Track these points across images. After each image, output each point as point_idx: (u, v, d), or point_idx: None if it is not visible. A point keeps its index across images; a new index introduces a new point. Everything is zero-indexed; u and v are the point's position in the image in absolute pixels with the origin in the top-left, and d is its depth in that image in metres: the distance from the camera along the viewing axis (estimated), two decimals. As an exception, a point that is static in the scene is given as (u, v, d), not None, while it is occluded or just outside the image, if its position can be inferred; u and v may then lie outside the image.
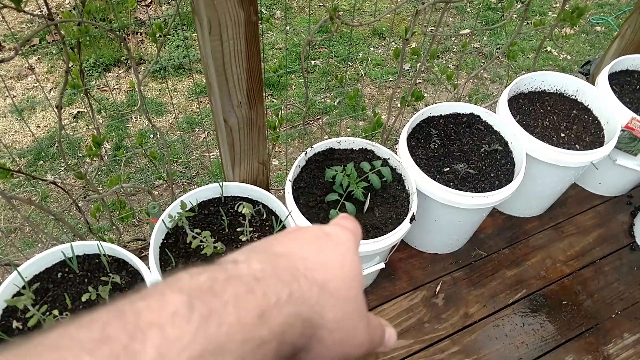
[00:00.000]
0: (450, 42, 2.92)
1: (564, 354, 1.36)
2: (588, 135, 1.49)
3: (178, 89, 2.52)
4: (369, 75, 2.70)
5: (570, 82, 1.58)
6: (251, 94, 1.07)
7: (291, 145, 2.34)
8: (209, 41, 0.95)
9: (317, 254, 0.28)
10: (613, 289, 1.49)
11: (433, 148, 1.39)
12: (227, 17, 0.92)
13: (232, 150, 1.17)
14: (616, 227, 1.64)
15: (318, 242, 0.30)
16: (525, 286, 1.48)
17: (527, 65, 2.81)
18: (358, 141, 1.39)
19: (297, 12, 3.03)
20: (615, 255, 1.57)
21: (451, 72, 1.57)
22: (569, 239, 1.60)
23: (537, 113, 1.54)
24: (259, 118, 1.14)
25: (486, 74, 2.77)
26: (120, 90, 2.51)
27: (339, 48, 2.80)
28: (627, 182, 1.67)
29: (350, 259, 0.30)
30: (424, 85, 2.66)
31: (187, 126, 2.35)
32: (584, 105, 1.57)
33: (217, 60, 0.98)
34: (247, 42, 0.98)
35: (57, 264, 1.06)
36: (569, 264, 1.54)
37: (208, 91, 1.09)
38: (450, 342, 1.36)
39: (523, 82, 1.55)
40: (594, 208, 1.69)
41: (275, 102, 2.51)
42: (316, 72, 2.68)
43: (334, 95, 2.61)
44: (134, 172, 2.17)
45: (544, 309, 1.44)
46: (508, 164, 1.37)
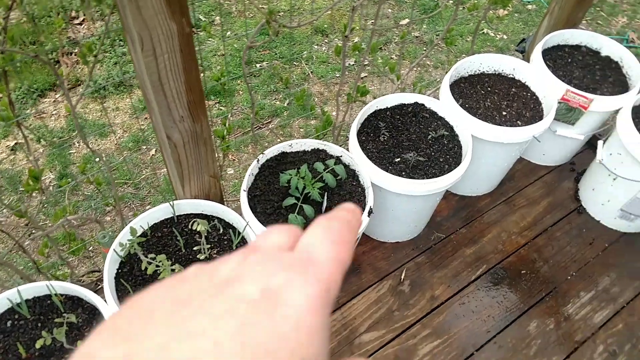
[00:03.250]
0: (391, 34, 2.96)
1: (529, 321, 1.41)
2: (528, 110, 1.55)
3: (120, 107, 2.45)
4: (316, 73, 2.71)
5: (506, 62, 1.63)
6: (193, 106, 1.05)
7: (245, 152, 2.33)
8: (142, 57, 0.92)
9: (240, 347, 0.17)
10: (566, 253, 1.56)
11: (383, 140, 1.41)
12: (159, 31, 0.89)
13: (180, 166, 1.15)
14: (563, 194, 1.72)
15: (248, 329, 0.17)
16: (485, 262, 1.53)
17: (466, 48, 2.89)
18: (309, 142, 1.39)
19: (237, 16, 3.00)
20: (564, 221, 1.64)
21: (393, 63, 1.60)
22: (521, 211, 1.66)
23: (479, 95, 1.58)
24: (204, 130, 1.13)
25: (428, 61, 2.84)
26: (59, 115, 2.42)
27: (283, 49, 2.80)
28: (568, 151, 1.75)
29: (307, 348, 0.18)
30: (370, 79, 2.69)
31: (133, 145, 2.30)
32: (521, 83, 1.63)
33: (152, 76, 0.96)
34: (182, 54, 0.96)
35: (4, 312, 1.00)
36: (524, 234, 1.60)
37: (147, 108, 1.07)
38: (421, 326, 1.39)
39: (462, 66, 1.59)
40: (541, 179, 1.76)
41: (223, 110, 2.48)
42: (262, 75, 2.66)
43: (282, 97, 2.60)
44: (82, 200, 2.10)
45: (505, 280, 1.49)
46: (455, 147, 1.41)
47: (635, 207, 1.51)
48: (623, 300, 1.46)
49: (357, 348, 1.35)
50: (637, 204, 1.50)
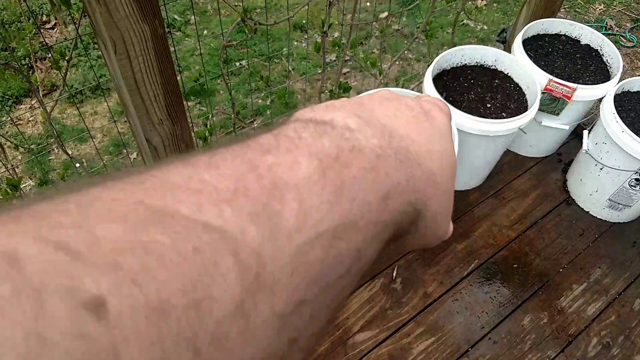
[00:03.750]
0: (371, 28, 2.94)
1: (522, 315, 1.40)
2: (512, 102, 1.54)
3: (99, 112, 2.39)
4: (297, 70, 2.67)
5: (488, 53, 1.62)
6: (171, 108, 1.02)
7: (228, 153, 2.28)
8: (117, 61, 0.89)
9: (424, 139, 0.25)
10: (557, 245, 1.56)
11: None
12: (132, 33, 0.86)
13: (162, 170, 1.11)
14: (551, 185, 1.71)
15: (420, 123, 0.26)
16: (476, 256, 1.51)
17: (447, 40, 2.88)
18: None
19: (213, 15, 2.95)
20: (554, 212, 1.64)
21: (374, 58, 1.57)
22: (510, 204, 1.65)
23: (462, 87, 1.57)
24: (184, 132, 1.09)
25: (410, 55, 2.82)
26: (36, 121, 2.35)
27: (262, 46, 2.76)
28: (554, 142, 1.74)
29: (451, 148, 0.27)
30: (353, 74, 2.67)
31: (114, 149, 2.24)
32: (504, 74, 1.62)
33: (128, 79, 0.92)
34: (157, 56, 0.93)
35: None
36: (514, 227, 1.59)
37: (125, 112, 1.03)
38: (415, 325, 1.37)
39: (444, 59, 1.57)
40: (529, 170, 1.75)
41: (204, 111, 2.44)
42: (242, 73, 2.62)
43: (264, 95, 2.56)
44: (65, 206, 2.04)
45: (498, 275, 1.48)
46: (442, 141, 1.39)
47: (622, 197, 1.51)
48: (615, 291, 1.46)
49: (351, 348, 1.32)
50: (625, 194, 1.50)
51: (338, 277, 0.18)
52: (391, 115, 0.25)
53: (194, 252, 0.14)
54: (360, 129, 0.22)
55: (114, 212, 0.14)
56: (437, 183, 0.25)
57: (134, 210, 0.15)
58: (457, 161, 1.26)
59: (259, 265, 0.15)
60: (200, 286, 0.14)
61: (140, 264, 0.13)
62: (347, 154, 0.20)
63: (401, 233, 0.24)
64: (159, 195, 0.15)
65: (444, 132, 0.27)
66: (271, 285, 0.16)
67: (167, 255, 0.14)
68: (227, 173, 0.17)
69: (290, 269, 0.16)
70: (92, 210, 0.14)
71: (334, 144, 0.20)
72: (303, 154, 0.19)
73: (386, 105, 0.26)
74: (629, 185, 1.47)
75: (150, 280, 0.13)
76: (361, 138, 0.22)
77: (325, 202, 0.18)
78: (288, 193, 0.17)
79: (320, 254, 0.17)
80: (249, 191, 0.17)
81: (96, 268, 0.12)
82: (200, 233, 0.15)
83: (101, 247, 0.13)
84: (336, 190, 0.19)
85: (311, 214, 0.18)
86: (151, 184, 0.16)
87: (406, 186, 0.22)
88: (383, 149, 0.22)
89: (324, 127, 0.21)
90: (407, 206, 0.22)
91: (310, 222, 0.17)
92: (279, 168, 0.18)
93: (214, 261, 0.14)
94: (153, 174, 0.16)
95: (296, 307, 0.17)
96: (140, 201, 0.15)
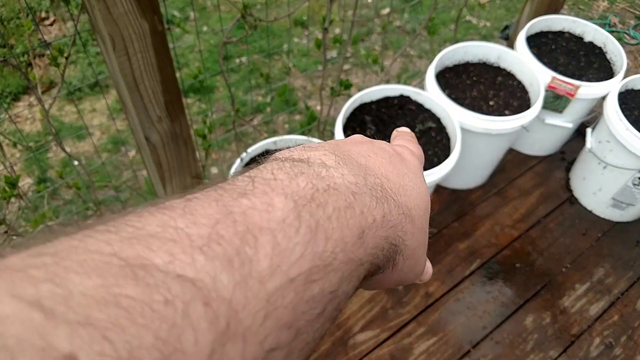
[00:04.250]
0: (373, 24, 2.92)
1: (525, 315, 1.39)
2: (515, 99, 1.52)
3: (97, 109, 2.37)
4: (297, 67, 2.66)
5: (491, 50, 1.60)
6: (170, 106, 1.00)
7: (229, 150, 2.27)
8: (115, 57, 0.88)
9: (397, 177, 0.26)
10: (560, 244, 1.54)
11: (369, 135, 1.37)
12: (130, 30, 0.85)
13: (160, 168, 1.10)
14: (554, 184, 1.70)
15: (395, 164, 0.27)
16: (478, 256, 1.50)
17: (450, 37, 2.86)
18: (294, 138, 1.34)
19: (213, 11, 2.93)
20: (557, 211, 1.62)
21: (376, 55, 1.56)
22: (513, 203, 1.63)
23: (464, 85, 1.55)
24: (183, 130, 1.08)
25: (412, 51, 2.80)
26: (34, 119, 2.33)
27: (262, 43, 2.74)
28: (558, 140, 1.73)
29: (424, 187, 0.28)
30: (354, 71, 2.65)
31: (112, 146, 2.22)
32: (507, 71, 1.60)
33: (127, 76, 0.91)
34: (156, 52, 0.91)
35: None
36: (517, 226, 1.58)
37: (124, 109, 1.02)
38: (416, 324, 1.36)
39: (446, 56, 1.56)
40: (532, 169, 1.73)
41: (203, 108, 2.42)
42: (242, 70, 2.60)
43: (264, 92, 2.54)
44: (63, 204, 2.03)
45: (500, 274, 1.47)
46: (443, 139, 1.38)
47: (626, 196, 1.50)
48: (618, 291, 1.44)
49: (352, 348, 1.31)
50: (628, 192, 1.48)
51: (312, 319, 0.18)
52: (366, 155, 0.26)
53: (165, 304, 0.14)
54: (337, 166, 0.23)
55: (87, 265, 0.14)
56: (413, 218, 0.26)
57: (107, 262, 0.15)
58: (459, 160, 1.23)
59: (229, 314, 0.15)
60: (171, 339, 0.14)
61: (111, 319, 0.13)
62: (322, 193, 0.21)
63: (379, 269, 0.24)
64: (132, 245, 0.15)
65: (416, 172, 0.29)
66: (243, 333, 0.16)
67: (138, 309, 0.14)
68: (202, 220, 0.17)
69: (263, 315, 0.16)
70: (66, 263, 0.14)
71: (309, 184, 0.21)
72: (278, 196, 0.19)
73: (360, 147, 0.27)
74: (633, 184, 1.45)
75: (121, 336, 0.13)
76: (337, 176, 0.22)
77: (299, 244, 0.18)
78: (262, 237, 0.17)
79: (293, 298, 0.17)
80: (223, 238, 0.17)
81: (68, 325, 0.13)
82: (172, 284, 0.15)
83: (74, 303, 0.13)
84: (311, 231, 0.19)
85: (285, 257, 0.18)
86: (126, 233, 0.16)
87: (382, 222, 0.23)
88: (359, 186, 0.22)
89: (301, 165, 0.22)
90: (383, 241, 0.23)
91: (284, 266, 0.17)
92: (254, 212, 0.18)
93: (185, 312, 0.15)
94: (128, 222, 0.17)
95: (267, 353, 0.16)
96: (114, 253, 0.15)
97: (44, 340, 0.12)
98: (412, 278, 0.28)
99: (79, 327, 0.13)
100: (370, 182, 0.24)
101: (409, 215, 0.25)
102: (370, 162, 0.26)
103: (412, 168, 0.28)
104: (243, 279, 0.16)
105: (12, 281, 0.13)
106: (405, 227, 0.25)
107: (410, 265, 0.27)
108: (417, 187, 0.27)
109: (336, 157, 0.24)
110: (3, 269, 0.14)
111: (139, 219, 0.17)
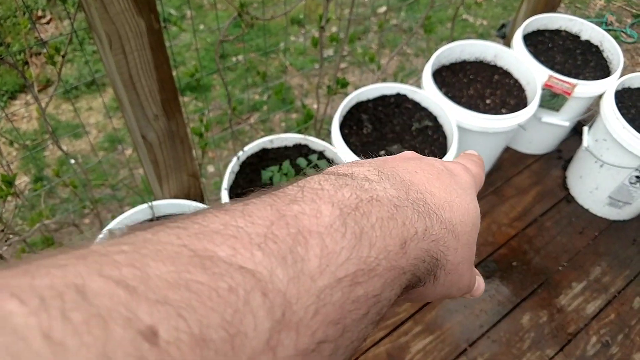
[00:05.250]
0: (370, 22, 2.92)
1: (521, 314, 1.39)
2: (512, 98, 1.52)
3: (94, 107, 2.36)
4: (294, 65, 2.65)
5: (487, 49, 1.60)
6: (167, 104, 1.00)
7: (225, 149, 2.26)
8: (112, 56, 0.88)
9: (444, 193, 0.27)
10: (557, 243, 1.55)
11: (366, 133, 1.37)
12: (127, 28, 0.85)
13: (157, 167, 1.10)
14: (551, 182, 1.70)
15: (442, 179, 0.28)
16: (475, 254, 1.50)
17: (447, 35, 2.86)
18: (291, 137, 1.34)
19: (209, 9, 2.92)
20: (554, 210, 1.62)
21: (372, 53, 1.55)
22: (510, 201, 1.64)
23: (461, 83, 1.55)
24: (180, 128, 1.07)
25: (409, 50, 2.80)
26: (31, 117, 2.32)
27: (259, 41, 2.73)
28: (554, 138, 1.73)
29: (474, 205, 0.28)
30: (351, 69, 2.64)
31: (109, 145, 2.22)
32: (504, 70, 1.60)
33: (123, 74, 0.91)
34: (153, 51, 0.91)
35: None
36: (514, 225, 1.58)
37: (120, 108, 1.01)
38: (413, 323, 1.36)
39: (443, 54, 1.56)
40: (528, 167, 1.74)
41: (200, 106, 2.41)
42: (239, 68, 2.60)
43: (261, 90, 2.54)
44: (60, 202, 2.02)
45: (497, 273, 1.47)
46: (440, 138, 1.38)
47: (623, 194, 1.50)
48: (614, 289, 1.45)
49: (348, 348, 1.31)
50: (625, 191, 1.49)
51: (357, 319, 0.20)
52: (412, 171, 0.27)
53: (229, 291, 0.16)
54: (379, 180, 0.24)
55: (162, 254, 0.16)
56: (457, 234, 0.26)
57: (178, 252, 0.16)
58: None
59: (284, 305, 0.17)
60: (235, 321, 0.16)
61: (184, 300, 0.15)
62: (366, 204, 0.22)
63: (420, 281, 0.25)
64: (200, 239, 0.17)
65: (466, 187, 0.29)
66: (296, 323, 0.17)
67: (206, 293, 0.15)
68: (258, 221, 0.19)
69: (314, 310, 0.18)
70: (143, 251, 0.16)
71: (354, 195, 0.22)
72: (325, 204, 0.21)
73: (409, 163, 0.28)
74: (629, 182, 1.46)
75: (193, 315, 0.15)
76: (380, 189, 0.24)
77: (345, 248, 0.20)
78: (312, 239, 0.19)
79: (340, 297, 0.19)
80: (277, 237, 0.18)
81: (149, 302, 0.14)
82: (234, 274, 0.16)
83: (152, 284, 0.15)
84: (356, 237, 0.20)
85: (333, 259, 0.19)
86: (193, 229, 0.18)
87: (423, 235, 0.24)
88: (401, 199, 0.24)
89: (345, 179, 0.23)
90: (425, 254, 0.24)
91: (332, 267, 0.19)
92: (304, 216, 0.20)
93: (246, 299, 0.16)
94: (194, 220, 0.18)
95: (317, 345, 0.18)
96: (184, 245, 0.17)
97: (130, 311, 0.14)
98: (455, 293, 0.29)
99: (158, 305, 0.14)
100: (413, 196, 0.25)
101: (453, 231, 0.26)
102: (416, 178, 0.26)
103: (463, 184, 0.29)
104: (296, 275, 0.18)
105: (99, 263, 0.15)
106: (448, 242, 0.25)
107: (453, 280, 0.27)
108: (466, 204, 0.28)
109: (379, 172, 0.25)
110: (90, 253, 0.16)
111: (204, 218, 0.19)
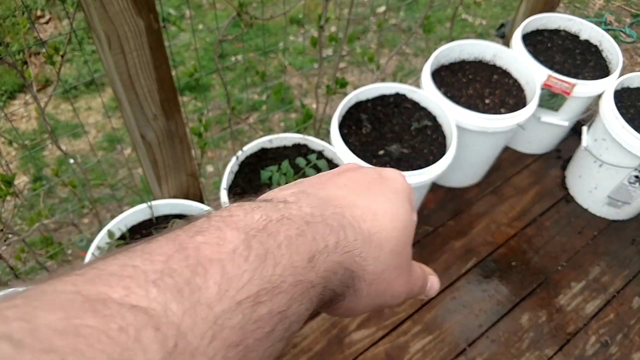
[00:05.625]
0: (369, 22, 2.92)
1: (521, 313, 1.39)
2: (511, 98, 1.52)
3: (93, 107, 2.36)
4: (293, 65, 2.65)
5: (487, 48, 1.60)
6: (166, 104, 1.00)
7: (224, 149, 2.26)
8: (111, 55, 0.88)
9: (369, 202, 0.28)
10: (556, 242, 1.55)
11: (365, 133, 1.37)
12: (126, 28, 0.85)
13: (156, 166, 1.09)
14: (550, 182, 1.70)
15: (372, 188, 0.29)
16: (474, 254, 1.50)
17: (446, 35, 2.86)
18: (290, 137, 1.34)
19: (208, 9, 2.92)
20: (553, 210, 1.62)
21: (372, 53, 1.55)
22: (509, 201, 1.64)
23: (460, 83, 1.55)
24: (179, 128, 1.07)
25: (408, 50, 2.80)
26: (30, 117, 2.32)
27: (258, 41, 2.73)
28: (553, 138, 1.73)
29: (405, 208, 0.29)
30: (350, 69, 2.64)
31: (108, 145, 2.21)
32: (503, 69, 1.60)
33: (122, 74, 0.91)
34: (152, 51, 0.91)
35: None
36: (513, 225, 1.58)
37: (119, 107, 1.01)
38: (412, 323, 1.36)
39: (442, 54, 1.56)
40: (528, 167, 1.74)
41: (199, 106, 2.41)
42: (238, 68, 2.60)
43: (260, 90, 2.54)
44: (59, 202, 2.02)
45: (496, 272, 1.47)
46: (439, 137, 1.38)
47: (622, 194, 1.50)
48: (613, 289, 1.45)
49: (348, 347, 1.31)
50: (624, 191, 1.49)
51: (260, 338, 0.20)
52: (341, 185, 0.29)
53: (119, 331, 0.16)
54: (296, 201, 0.25)
55: (54, 303, 0.16)
56: (380, 242, 0.27)
57: (71, 299, 0.17)
58: (455, 158, 1.23)
59: (178, 336, 0.17)
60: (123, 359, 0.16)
61: (71, 345, 0.15)
62: (275, 223, 0.23)
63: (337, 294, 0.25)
64: (95, 284, 0.18)
65: (400, 191, 0.30)
66: (191, 352, 0.17)
67: (95, 336, 0.16)
68: (157, 257, 0.19)
69: (210, 336, 0.18)
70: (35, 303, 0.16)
71: (264, 216, 0.23)
72: (231, 230, 0.21)
73: (340, 177, 0.29)
74: (628, 182, 1.46)
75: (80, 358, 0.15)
76: (294, 208, 0.24)
77: (248, 271, 0.20)
78: (212, 268, 0.19)
79: (241, 319, 0.19)
80: (175, 271, 0.19)
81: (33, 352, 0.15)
82: (126, 314, 0.17)
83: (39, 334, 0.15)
84: (260, 259, 0.21)
85: (233, 283, 0.19)
86: (90, 275, 0.18)
87: (335, 248, 0.24)
88: (314, 216, 0.24)
89: (260, 203, 0.24)
90: (337, 266, 0.24)
91: (232, 291, 0.19)
92: (206, 246, 0.20)
93: (137, 337, 0.16)
94: (93, 266, 0.19)
95: None
96: (78, 291, 0.17)
97: None
98: (390, 301, 0.29)
99: (43, 354, 0.15)
100: (329, 212, 0.25)
101: (371, 240, 0.26)
102: (341, 192, 0.28)
103: (397, 189, 0.29)
104: (192, 306, 0.18)
105: None
106: (365, 252, 0.26)
107: (379, 289, 0.27)
108: (396, 208, 0.28)
109: (302, 193, 0.26)
110: None
111: (104, 262, 0.19)
